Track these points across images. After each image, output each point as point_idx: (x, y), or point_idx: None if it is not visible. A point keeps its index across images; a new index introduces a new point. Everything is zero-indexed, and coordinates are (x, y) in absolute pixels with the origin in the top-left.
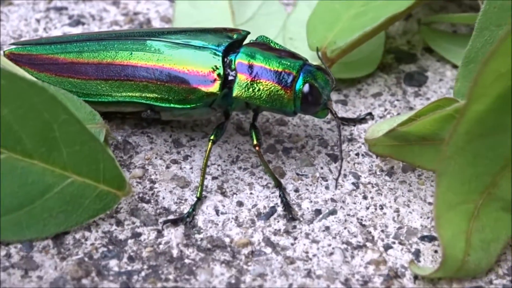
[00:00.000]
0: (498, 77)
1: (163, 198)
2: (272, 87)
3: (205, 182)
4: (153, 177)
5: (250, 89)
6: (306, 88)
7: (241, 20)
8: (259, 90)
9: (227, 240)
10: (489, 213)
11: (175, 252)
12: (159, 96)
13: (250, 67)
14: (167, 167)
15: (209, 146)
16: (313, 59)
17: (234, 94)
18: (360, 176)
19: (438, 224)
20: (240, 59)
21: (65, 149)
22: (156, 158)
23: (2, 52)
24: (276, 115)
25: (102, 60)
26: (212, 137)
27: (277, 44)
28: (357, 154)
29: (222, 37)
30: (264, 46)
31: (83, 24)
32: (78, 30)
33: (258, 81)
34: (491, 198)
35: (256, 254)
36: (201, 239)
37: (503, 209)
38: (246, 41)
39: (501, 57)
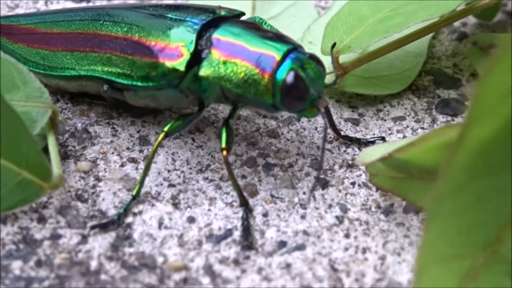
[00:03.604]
0: (505, 93)
1: (103, 199)
2: (247, 70)
3: (159, 189)
4: (100, 174)
5: (221, 69)
6: (290, 77)
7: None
8: (231, 71)
9: (160, 260)
10: (490, 276)
11: (93, 264)
12: (120, 71)
13: (227, 44)
14: (122, 165)
15: (160, 137)
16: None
17: (201, 73)
18: (349, 209)
19: (419, 281)
20: (217, 34)
21: None
22: (112, 153)
23: None
24: (268, 124)
25: (72, 31)
26: (165, 129)
27: (271, 26)
28: (353, 184)
29: (207, 12)
30: (251, 25)
31: (88, 0)
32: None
33: (232, 60)
34: (494, 257)
35: (189, 283)
36: (130, 254)
37: (506, 274)
38: None
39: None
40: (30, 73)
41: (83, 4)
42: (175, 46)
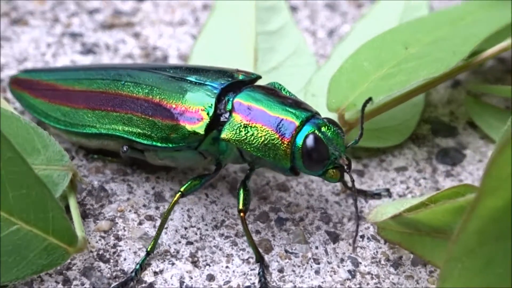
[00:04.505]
0: None
1: (125, 259)
2: (267, 134)
3: (178, 247)
4: (120, 232)
5: (242, 132)
6: (309, 140)
7: (263, 68)
8: (252, 135)
9: None
10: None
11: None
12: (141, 132)
13: (249, 108)
14: (140, 223)
15: (176, 198)
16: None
17: (222, 135)
18: (360, 263)
19: None
20: (239, 99)
21: (11, 191)
22: (130, 211)
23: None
24: (278, 178)
25: (94, 89)
26: (182, 189)
27: (290, 93)
28: (362, 237)
29: (225, 76)
30: (271, 91)
31: (95, 53)
32: (88, 59)
33: (253, 125)
34: None
35: None
36: None
37: None
38: None
39: None
40: (50, 136)
41: (102, 62)
42: (195, 110)
